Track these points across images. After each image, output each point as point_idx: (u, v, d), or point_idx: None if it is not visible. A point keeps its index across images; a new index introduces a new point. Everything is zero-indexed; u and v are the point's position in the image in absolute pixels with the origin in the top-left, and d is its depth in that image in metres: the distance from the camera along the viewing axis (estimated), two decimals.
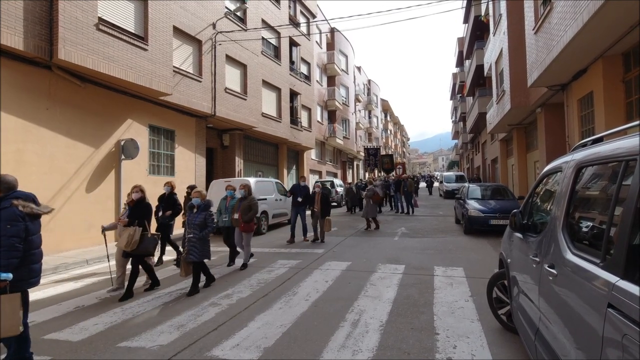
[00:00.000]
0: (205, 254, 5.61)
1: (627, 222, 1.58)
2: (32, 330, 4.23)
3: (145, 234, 5.41)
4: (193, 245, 5.48)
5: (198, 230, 5.53)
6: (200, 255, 5.52)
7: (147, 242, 5.42)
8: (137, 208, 5.57)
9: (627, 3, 5.77)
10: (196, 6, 13.04)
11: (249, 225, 7.02)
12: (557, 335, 2.14)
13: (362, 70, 42.47)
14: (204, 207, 5.69)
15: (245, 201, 7.09)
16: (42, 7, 8.01)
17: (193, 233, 5.51)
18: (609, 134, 2.26)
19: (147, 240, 5.42)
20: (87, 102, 9.47)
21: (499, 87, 16.45)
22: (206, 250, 5.62)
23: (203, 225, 5.58)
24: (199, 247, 5.49)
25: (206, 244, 5.62)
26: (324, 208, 9.54)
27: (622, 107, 8.04)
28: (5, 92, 7.64)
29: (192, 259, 5.48)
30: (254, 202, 7.10)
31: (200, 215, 5.62)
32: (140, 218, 5.46)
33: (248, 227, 7.03)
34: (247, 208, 7.01)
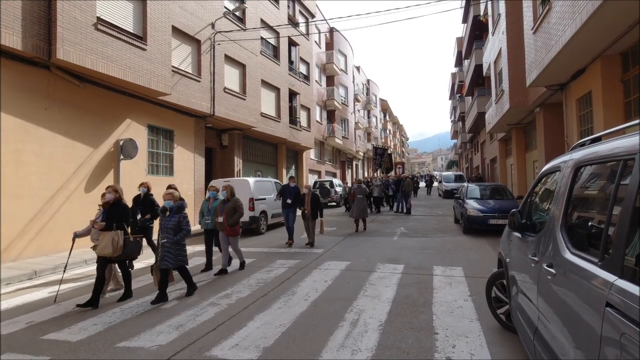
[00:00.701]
0: (181, 260, 5.26)
1: (625, 221, 1.58)
2: (31, 330, 4.24)
3: (127, 237, 5.16)
4: (167, 251, 5.11)
5: (172, 234, 5.15)
6: (175, 261, 5.16)
7: (131, 246, 5.19)
8: (114, 210, 5.23)
9: (625, 3, 5.78)
10: (195, 6, 13.03)
11: (234, 229, 6.63)
12: (556, 334, 2.14)
13: (361, 70, 42.47)
14: (177, 210, 5.30)
15: (230, 203, 6.68)
16: (40, 7, 8.00)
17: (166, 237, 5.14)
18: (607, 134, 2.26)
19: (130, 245, 5.18)
20: (85, 102, 9.46)
21: (497, 87, 16.46)
22: (182, 256, 5.28)
23: (177, 229, 5.20)
24: (173, 253, 5.14)
25: (182, 248, 5.28)
26: (314, 209, 9.17)
27: (621, 106, 8.05)
28: (4, 92, 7.62)
29: (167, 265, 5.10)
30: (238, 204, 6.69)
31: (174, 218, 5.23)
32: (118, 221, 5.15)
33: (233, 231, 6.64)
34: (231, 210, 6.60)
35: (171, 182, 8.09)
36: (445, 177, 28.87)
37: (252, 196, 11.16)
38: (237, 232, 6.72)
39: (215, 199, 7.13)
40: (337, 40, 31.50)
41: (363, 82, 43.76)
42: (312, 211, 9.15)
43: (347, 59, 33.81)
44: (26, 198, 7.98)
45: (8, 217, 7.54)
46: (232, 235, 6.65)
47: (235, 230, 6.68)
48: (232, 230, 6.61)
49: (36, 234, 8.14)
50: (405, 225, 12.52)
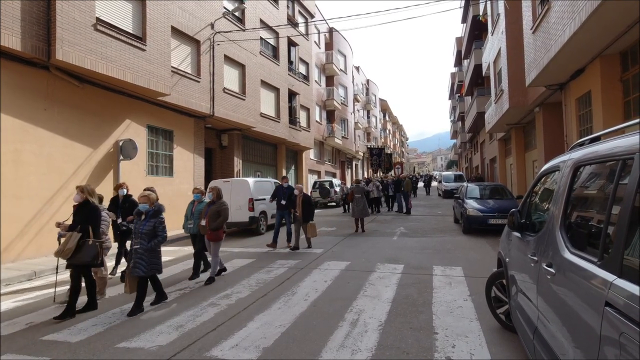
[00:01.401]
0: (154, 267, 4.91)
1: (624, 221, 1.58)
2: (31, 331, 4.24)
3: (86, 240, 4.71)
4: (140, 258, 4.77)
5: (146, 240, 4.82)
6: (148, 268, 4.81)
7: (85, 250, 4.68)
8: (81, 211, 4.90)
9: (624, 3, 5.79)
10: (194, 6, 13.03)
11: (216, 234, 6.22)
12: (555, 334, 2.14)
13: (361, 70, 42.49)
14: (153, 214, 4.96)
15: (214, 206, 6.32)
16: (39, 8, 8.00)
17: (140, 243, 4.80)
18: (606, 133, 2.26)
19: (85, 248, 4.68)
20: (85, 102, 9.46)
21: (497, 87, 16.47)
22: (155, 263, 4.93)
23: (152, 235, 4.86)
24: (146, 260, 4.79)
25: (156, 255, 4.93)
26: (306, 212, 8.69)
27: (620, 106, 8.06)
28: (3, 93, 7.62)
29: (139, 272, 4.75)
30: (223, 207, 6.31)
31: (149, 222, 4.89)
32: (83, 223, 4.80)
33: (216, 236, 6.22)
34: (215, 214, 6.21)
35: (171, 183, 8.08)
36: (445, 177, 28.86)
37: (252, 196, 11.16)
38: (219, 237, 6.28)
39: (200, 202, 6.78)
40: (337, 41, 31.50)
41: (362, 82, 43.77)
42: (304, 213, 8.68)
43: (346, 59, 33.81)
44: (25, 198, 7.97)
45: (7, 218, 7.54)
46: (214, 240, 6.24)
47: (218, 235, 6.24)
48: (214, 235, 6.21)
49: (35, 234, 8.14)
50: (405, 225, 12.52)
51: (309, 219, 8.74)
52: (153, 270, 4.90)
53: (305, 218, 8.70)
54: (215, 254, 6.29)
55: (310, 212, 8.81)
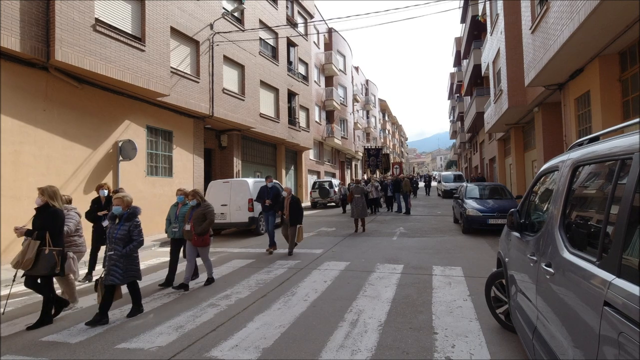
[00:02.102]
0: (131, 274, 4.60)
1: (622, 220, 1.58)
2: (30, 332, 4.23)
3: (43, 249, 4.39)
4: (114, 264, 4.46)
5: (120, 245, 4.51)
6: (123, 276, 4.49)
7: (42, 259, 4.37)
8: (40, 215, 4.54)
9: (623, 3, 5.80)
10: (193, 7, 13.03)
11: (202, 239, 5.89)
12: (555, 333, 2.15)
13: (360, 70, 42.51)
14: (127, 217, 4.63)
15: (199, 209, 5.95)
16: (38, 8, 8.00)
17: (114, 249, 4.50)
18: (605, 133, 2.27)
19: (42, 258, 4.37)
20: (84, 103, 9.46)
21: (496, 87, 16.49)
22: (133, 270, 4.62)
23: (127, 239, 4.55)
24: (121, 266, 4.49)
25: (133, 262, 4.62)
26: (294, 215, 8.22)
27: (619, 106, 8.08)
28: (2, 94, 7.61)
29: (113, 280, 4.43)
30: (209, 210, 5.94)
31: (123, 226, 4.57)
32: (41, 229, 4.45)
33: (202, 241, 5.89)
34: (200, 217, 5.86)
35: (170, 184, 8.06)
36: (445, 177, 28.89)
37: (252, 197, 11.15)
38: (206, 242, 5.97)
39: (184, 204, 6.36)
40: (336, 41, 31.52)
41: (362, 83, 43.80)
42: (292, 217, 8.21)
43: (345, 59, 33.83)
44: (25, 199, 7.96)
45: (7, 219, 7.53)
46: (201, 245, 5.92)
47: (205, 240, 5.93)
48: (200, 240, 5.87)
49: None
50: (405, 225, 12.53)
51: (297, 222, 8.25)
52: (130, 277, 4.60)
53: (293, 221, 8.22)
54: (206, 259, 6.08)
55: (299, 215, 8.30)
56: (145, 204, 11.16)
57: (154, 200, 11.48)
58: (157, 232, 11.39)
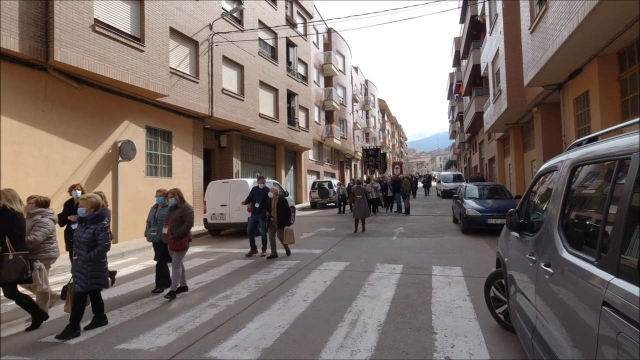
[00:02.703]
0: (95, 281, 4.21)
1: (621, 220, 1.59)
2: (29, 333, 4.23)
3: (5, 255, 4.16)
4: (78, 270, 4.13)
5: (85, 250, 4.15)
6: (87, 283, 4.12)
7: (8, 265, 4.15)
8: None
9: (621, 3, 5.81)
10: (193, 7, 13.03)
11: (180, 243, 5.49)
12: (554, 333, 2.15)
13: (359, 70, 42.52)
14: (92, 219, 4.27)
15: (177, 211, 5.59)
16: (37, 9, 7.99)
17: (79, 254, 4.16)
18: (603, 133, 2.27)
19: (6, 264, 4.15)
20: (83, 103, 9.45)
21: (495, 87, 16.50)
22: (97, 277, 4.22)
23: (91, 244, 4.18)
24: (85, 273, 4.13)
25: (98, 268, 4.23)
26: (281, 216, 7.93)
27: (618, 106, 8.09)
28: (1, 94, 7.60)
29: (77, 288, 4.10)
30: (187, 212, 5.58)
31: (88, 230, 4.22)
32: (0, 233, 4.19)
33: (178, 245, 5.49)
34: (178, 220, 5.50)
35: (170, 184, 8.04)
36: (444, 177, 28.90)
37: None
38: (184, 246, 5.55)
39: (163, 206, 5.98)
40: (335, 41, 31.52)
41: (361, 83, 43.82)
42: (280, 218, 7.91)
43: (345, 59, 33.84)
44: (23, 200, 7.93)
45: None
46: (178, 249, 5.51)
47: (182, 244, 5.52)
48: (177, 244, 5.48)
49: None
50: (404, 225, 12.53)
51: (285, 224, 7.97)
52: (94, 285, 4.21)
53: (281, 223, 7.92)
54: (176, 265, 5.52)
55: (287, 216, 8.04)
56: (144, 205, 11.16)
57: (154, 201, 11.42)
58: None
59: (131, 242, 10.26)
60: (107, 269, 4.43)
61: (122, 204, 10.41)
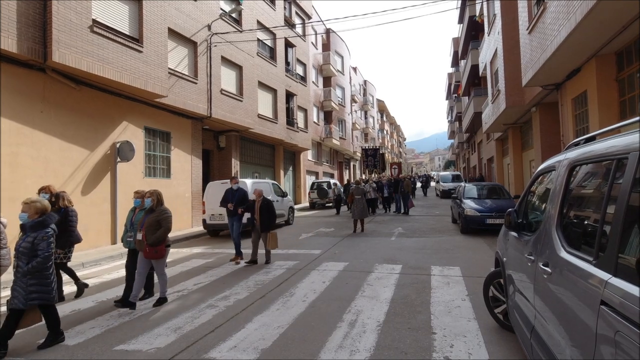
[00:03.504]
0: (37, 297, 3.69)
1: (619, 220, 1.59)
2: (28, 334, 4.22)
3: None
4: (17, 284, 3.66)
5: (23, 261, 3.69)
6: (25, 298, 3.63)
7: None
8: None
9: (619, 3, 5.82)
10: (191, 8, 13.03)
11: (155, 250, 4.94)
12: (552, 333, 2.15)
13: (358, 70, 42.54)
14: (34, 226, 3.78)
15: (153, 214, 5.05)
16: (35, 10, 7.97)
17: (18, 265, 3.72)
18: (601, 133, 2.28)
19: None
20: (81, 104, 9.44)
21: (494, 87, 16.53)
22: (39, 291, 3.70)
23: (31, 254, 3.70)
24: (24, 287, 3.63)
25: (40, 282, 3.70)
26: (265, 220, 7.43)
27: (616, 105, 8.11)
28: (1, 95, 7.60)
29: (15, 304, 3.62)
30: (164, 216, 5.05)
31: (28, 238, 3.74)
32: None
33: (155, 253, 4.94)
34: (154, 224, 4.97)
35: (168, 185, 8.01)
36: (443, 177, 28.93)
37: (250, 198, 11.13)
38: (160, 253, 5.02)
39: (141, 209, 5.45)
40: (334, 41, 31.54)
41: (360, 83, 43.83)
42: (263, 222, 7.44)
43: (343, 59, 33.85)
44: None
45: None
46: (154, 258, 4.99)
47: (159, 252, 4.99)
48: (152, 252, 4.93)
49: None
50: (403, 225, 12.54)
51: (268, 228, 7.48)
52: (33, 300, 3.66)
53: (264, 227, 7.44)
54: (161, 272, 5.16)
55: (271, 220, 7.53)
56: None
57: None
58: None
59: None
60: (55, 281, 3.88)
61: (121, 205, 10.39)
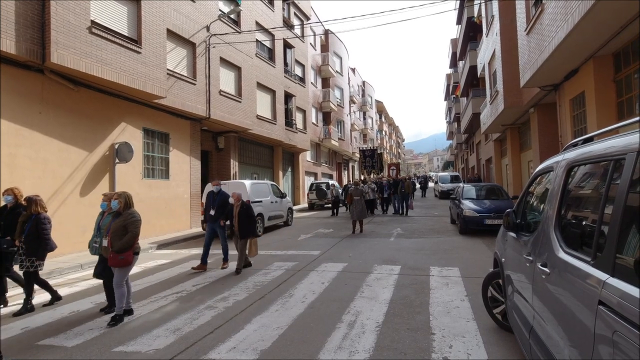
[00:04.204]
0: None
1: (616, 220, 1.60)
2: (26, 335, 4.21)
3: None
4: None
5: None
6: None
7: None
8: None
9: (616, 3, 5.85)
10: (190, 9, 13.02)
11: (122, 257, 4.50)
12: (551, 333, 2.16)
13: (357, 71, 42.60)
14: None
15: (119, 218, 4.61)
16: (34, 11, 7.97)
17: None
18: (599, 134, 2.29)
19: None
20: (80, 105, 9.42)
21: (492, 88, 16.57)
22: None
23: None
24: None
25: None
26: (243, 225, 6.92)
27: (613, 106, 8.14)
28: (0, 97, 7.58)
29: None
30: (131, 220, 4.58)
31: None
32: None
33: (119, 261, 4.50)
34: (120, 229, 4.54)
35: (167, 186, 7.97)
36: (442, 177, 28.96)
37: (249, 198, 11.14)
38: (127, 261, 4.55)
39: (110, 213, 4.96)
40: (332, 42, 31.58)
41: (359, 84, 43.88)
42: (241, 228, 6.93)
43: (342, 60, 33.90)
44: None
45: None
46: (118, 265, 4.54)
47: (125, 259, 4.52)
48: (116, 259, 4.49)
49: None
50: (402, 226, 12.55)
51: (248, 234, 6.93)
52: None
53: (243, 234, 6.88)
54: (119, 284, 4.58)
55: (250, 226, 6.98)
56: (142, 207, 11.12)
57: (151, 203, 11.45)
58: (154, 234, 11.35)
59: None
60: None
61: None
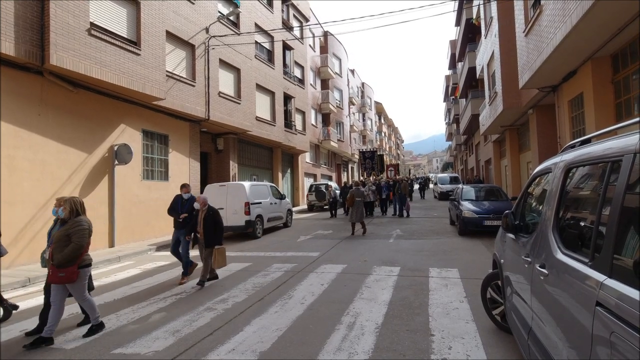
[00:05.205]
0: None
1: (613, 221, 1.61)
2: (26, 338, 4.20)
3: None
4: None
5: None
6: None
7: None
8: None
9: (614, 4, 5.87)
10: (189, 11, 13.04)
11: (62, 273, 3.90)
12: (549, 334, 2.17)
13: (356, 73, 42.65)
14: None
15: (64, 227, 4.06)
16: (33, 13, 7.97)
17: None
18: (597, 135, 2.30)
19: None
20: (79, 107, 9.42)
21: (491, 89, 16.60)
22: None
23: None
24: None
25: None
26: (209, 232, 6.23)
27: (612, 107, 8.16)
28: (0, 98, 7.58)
29: None
30: (76, 229, 4.01)
31: None
32: None
33: (58, 277, 3.90)
34: (64, 239, 3.98)
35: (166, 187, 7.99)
36: (441, 178, 28.99)
37: (248, 200, 11.16)
38: (68, 277, 3.94)
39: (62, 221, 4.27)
40: (332, 44, 31.63)
41: (358, 85, 43.93)
42: (207, 235, 6.23)
43: (341, 62, 33.95)
44: (19, 204, 7.91)
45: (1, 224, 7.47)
46: (57, 282, 3.94)
47: (66, 275, 3.92)
48: (55, 275, 3.91)
49: (30, 240, 8.07)
50: (401, 227, 12.55)
51: (214, 242, 6.22)
52: None
53: (209, 241, 6.21)
54: (82, 298, 4.16)
55: (217, 233, 6.29)
56: (141, 209, 11.14)
57: (150, 204, 11.45)
58: (153, 236, 11.34)
59: (127, 246, 10.21)
60: None
61: (119, 207, 10.37)
